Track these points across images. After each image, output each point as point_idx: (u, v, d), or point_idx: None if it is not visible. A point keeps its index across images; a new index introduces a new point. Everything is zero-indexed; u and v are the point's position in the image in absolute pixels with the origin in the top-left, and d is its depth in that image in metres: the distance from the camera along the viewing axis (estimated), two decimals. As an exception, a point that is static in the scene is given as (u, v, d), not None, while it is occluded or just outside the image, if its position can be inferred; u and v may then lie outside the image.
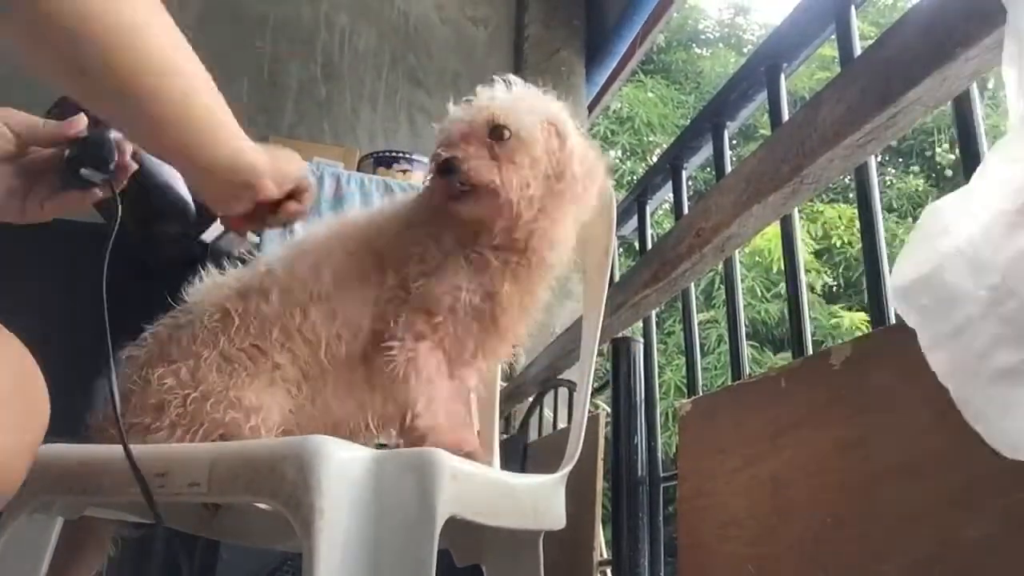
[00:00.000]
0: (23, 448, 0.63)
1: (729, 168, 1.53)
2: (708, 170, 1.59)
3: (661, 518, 1.77)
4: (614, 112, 9.15)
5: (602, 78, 3.66)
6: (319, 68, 3.53)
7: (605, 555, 1.82)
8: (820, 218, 7.95)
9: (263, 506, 0.97)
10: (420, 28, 3.71)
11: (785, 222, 1.33)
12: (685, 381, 1.83)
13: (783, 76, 1.41)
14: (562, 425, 2.23)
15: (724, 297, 1.70)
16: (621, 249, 3.58)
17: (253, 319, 1.05)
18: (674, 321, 7.33)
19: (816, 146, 0.97)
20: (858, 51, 1.14)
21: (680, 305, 1.95)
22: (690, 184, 3.15)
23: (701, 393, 1.63)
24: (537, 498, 1.05)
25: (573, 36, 3.74)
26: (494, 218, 1.06)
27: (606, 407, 2.13)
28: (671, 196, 1.89)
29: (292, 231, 2.62)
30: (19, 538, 0.96)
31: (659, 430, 1.87)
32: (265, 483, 0.79)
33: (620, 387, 1.84)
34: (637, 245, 2.16)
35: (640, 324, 1.90)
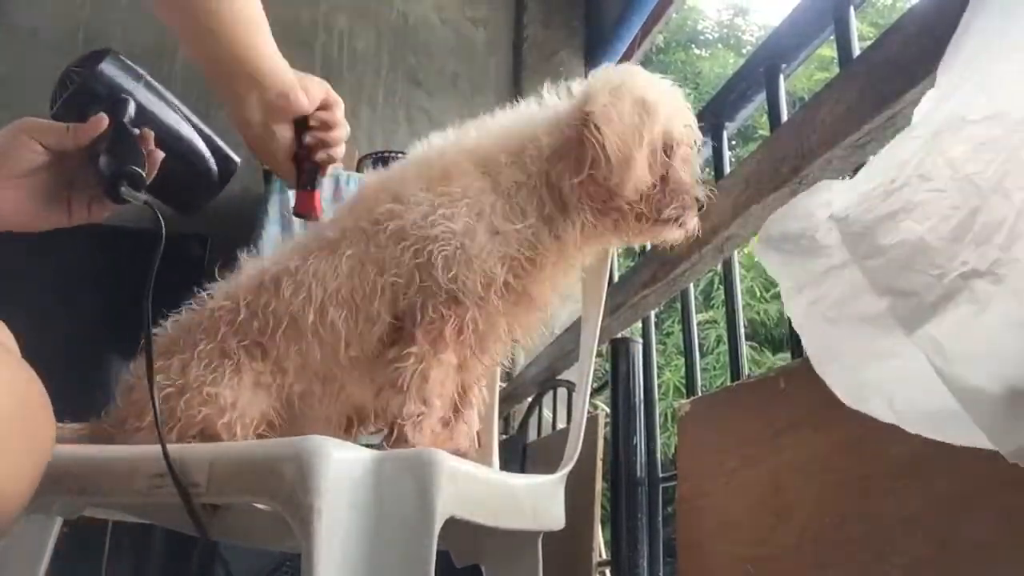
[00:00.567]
0: (23, 474, 0.61)
1: (728, 169, 1.53)
2: (707, 171, 1.58)
3: (660, 518, 1.77)
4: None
5: (601, 79, 3.66)
6: (318, 69, 3.53)
7: (604, 555, 1.82)
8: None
9: (262, 507, 0.97)
10: (419, 29, 3.71)
11: (784, 222, 1.33)
12: (684, 381, 1.83)
13: (782, 77, 1.41)
14: (561, 425, 2.23)
15: (723, 297, 1.70)
16: (620, 249, 3.58)
17: (260, 314, 1.01)
18: (673, 321, 7.33)
19: (815, 147, 0.97)
20: (857, 52, 1.14)
21: (679, 305, 1.95)
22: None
23: (700, 393, 1.63)
24: (536, 498, 1.05)
25: (572, 37, 3.75)
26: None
27: (605, 407, 2.13)
28: (670, 196, 1.88)
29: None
30: (18, 538, 0.96)
31: (658, 430, 1.87)
32: (264, 484, 0.79)
33: (619, 387, 1.84)
34: (636, 246, 2.16)
35: (639, 324, 1.90)
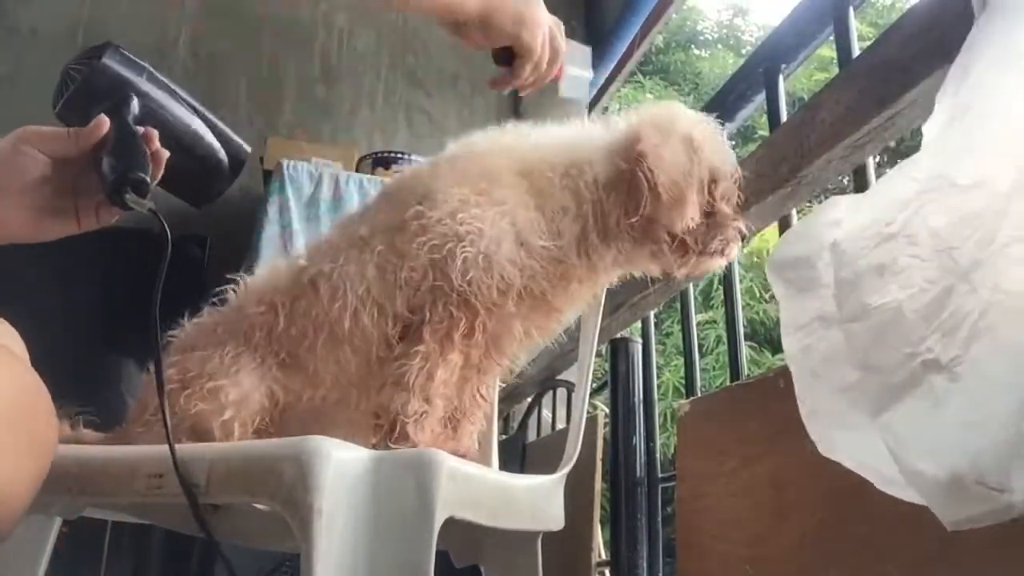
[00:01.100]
0: (25, 476, 0.61)
1: (728, 169, 1.53)
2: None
3: (660, 519, 1.77)
4: (613, 113, 9.14)
5: (600, 79, 3.66)
6: (318, 68, 3.53)
7: (603, 556, 1.82)
8: (818, 219, 7.95)
9: (262, 507, 0.97)
10: (419, 29, 3.71)
11: (784, 223, 1.33)
12: (684, 382, 1.83)
13: (781, 77, 1.41)
14: (561, 426, 2.23)
15: (723, 298, 1.70)
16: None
17: (299, 322, 1.00)
18: (673, 322, 7.33)
19: (814, 147, 0.98)
20: (856, 52, 1.14)
21: (679, 306, 1.95)
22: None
23: (700, 394, 1.63)
24: (536, 499, 1.05)
25: (572, 37, 3.72)
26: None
27: (605, 408, 2.13)
28: (670, 197, 1.88)
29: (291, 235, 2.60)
30: (18, 538, 0.96)
31: (657, 431, 1.87)
32: (263, 484, 0.79)
33: (619, 388, 1.84)
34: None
35: (639, 324, 1.90)
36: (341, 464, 0.78)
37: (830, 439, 0.77)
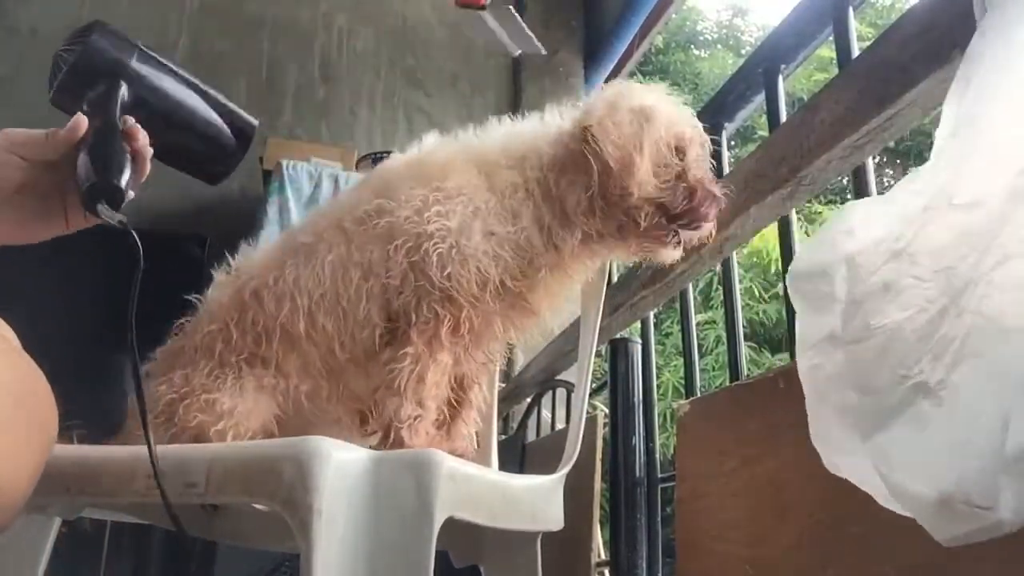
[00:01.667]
0: (26, 463, 0.61)
1: (727, 169, 1.53)
2: (707, 171, 1.58)
3: (659, 519, 1.77)
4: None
5: (600, 79, 3.66)
6: (317, 69, 3.53)
7: (603, 556, 1.82)
8: (818, 219, 7.94)
9: (261, 507, 0.97)
10: (418, 29, 3.71)
11: (783, 223, 1.33)
12: (683, 382, 1.83)
13: (781, 77, 1.41)
14: (560, 426, 2.23)
15: (722, 298, 1.70)
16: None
17: (250, 330, 1.02)
18: (672, 322, 7.33)
19: (814, 147, 0.97)
20: (856, 52, 1.14)
21: (678, 306, 1.95)
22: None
23: (699, 394, 1.63)
24: (535, 499, 1.05)
25: (571, 37, 3.75)
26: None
27: (604, 408, 2.13)
28: (669, 197, 1.88)
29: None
30: (16, 539, 0.96)
31: (657, 431, 1.87)
32: (263, 484, 0.79)
33: (618, 388, 1.84)
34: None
35: (638, 325, 1.90)
36: (341, 464, 0.78)
37: (835, 465, 0.77)
